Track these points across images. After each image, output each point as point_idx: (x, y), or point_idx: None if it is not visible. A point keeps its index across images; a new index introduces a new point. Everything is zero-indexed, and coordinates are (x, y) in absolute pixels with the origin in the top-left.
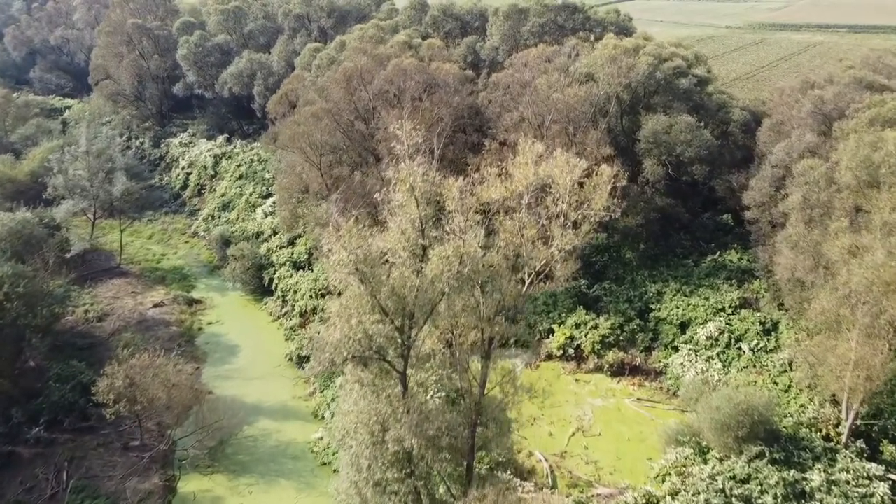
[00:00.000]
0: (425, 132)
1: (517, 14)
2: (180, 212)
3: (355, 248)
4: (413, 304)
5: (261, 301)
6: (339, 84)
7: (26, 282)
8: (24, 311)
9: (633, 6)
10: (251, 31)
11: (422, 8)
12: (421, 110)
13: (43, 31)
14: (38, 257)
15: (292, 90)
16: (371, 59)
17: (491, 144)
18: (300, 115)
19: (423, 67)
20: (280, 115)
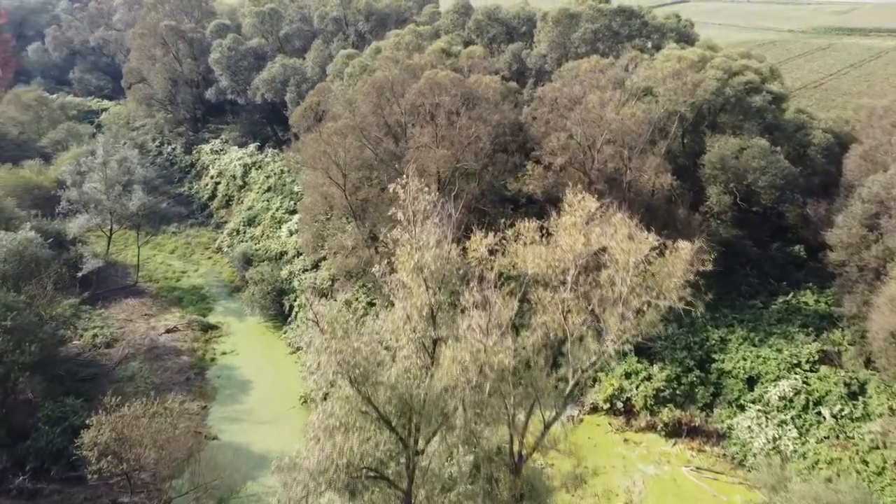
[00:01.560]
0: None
1: (567, 19)
2: (206, 224)
3: (342, 349)
4: (420, 409)
5: (280, 329)
6: (367, 97)
7: (14, 314)
8: (11, 347)
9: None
10: (286, 35)
11: (465, 12)
12: (457, 127)
13: (83, 32)
14: (35, 283)
15: (317, 102)
16: (403, 69)
17: (534, 169)
18: (324, 131)
19: (459, 80)
20: (304, 128)
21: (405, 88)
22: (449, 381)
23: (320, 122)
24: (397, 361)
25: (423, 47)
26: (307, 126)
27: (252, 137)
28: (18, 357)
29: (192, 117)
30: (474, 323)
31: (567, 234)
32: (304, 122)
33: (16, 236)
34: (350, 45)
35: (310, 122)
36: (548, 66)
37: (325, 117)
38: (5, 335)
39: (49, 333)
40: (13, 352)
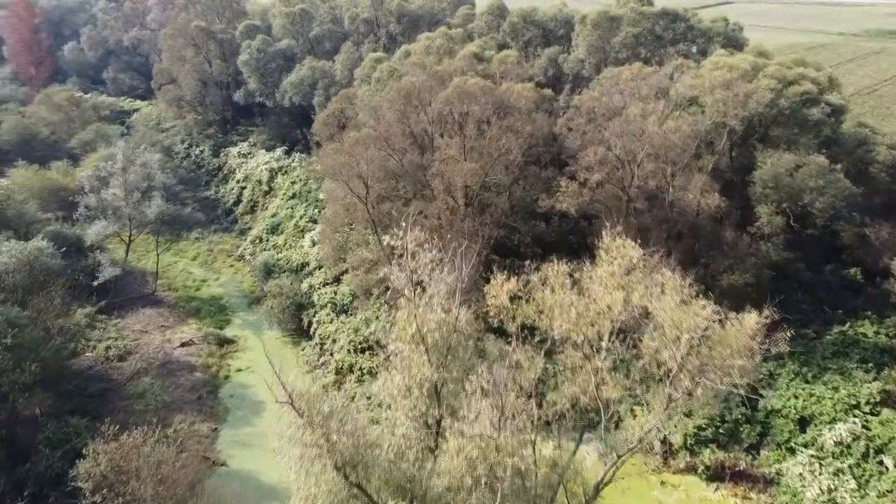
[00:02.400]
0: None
1: (607, 22)
2: (230, 230)
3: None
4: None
5: (298, 345)
6: (392, 104)
7: (15, 331)
8: (11, 366)
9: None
10: (317, 36)
11: (500, 14)
12: (487, 138)
13: (118, 32)
14: (44, 295)
15: (341, 109)
16: (430, 76)
17: (568, 186)
18: (346, 140)
19: (489, 89)
20: (327, 136)
21: (432, 96)
22: (453, 479)
23: (344, 129)
24: (395, 438)
25: (455, 51)
26: (330, 134)
27: (281, 141)
28: (18, 377)
29: (222, 119)
30: (484, 415)
31: (602, 288)
32: (326, 129)
33: (26, 246)
34: (381, 47)
35: (333, 129)
36: (585, 72)
37: (348, 125)
38: (5, 353)
39: (52, 351)
40: (13, 371)
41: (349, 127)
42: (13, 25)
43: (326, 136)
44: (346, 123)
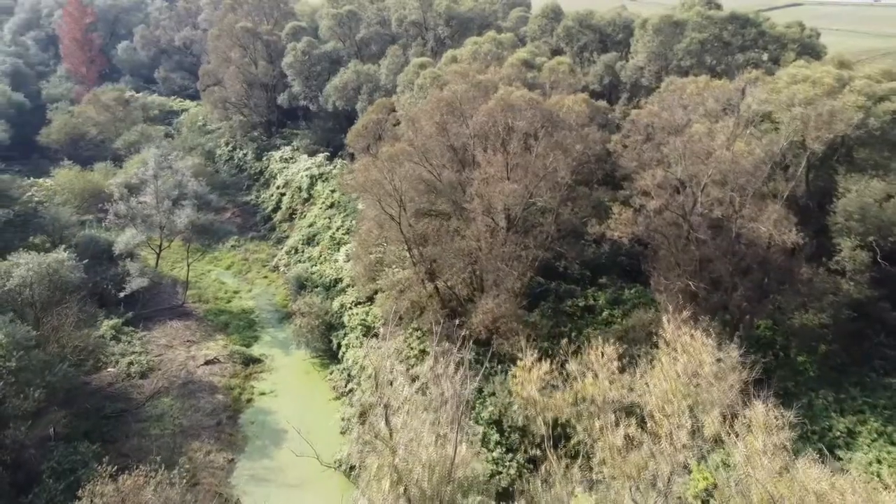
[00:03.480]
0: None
1: (670, 27)
2: (267, 238)
3: None
4: None
5: (326, 369)
6: (431, 116)
7: (21, 354)
8: (14, 392)
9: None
10: (363, 39)
11: (555, 17)
12: (532, 155)
13: (171, 31)
14: (59, 312)
15: (377, 120)
16: (473, 85)
17: (621, 212)
18: (380, 154)
19: (536, 102)
20: (361, 148)
21: (474, 108)
22: None
23: (380, 140)
24: None
25: (503, 58)
26: (365, 145)
27: (325, 145)
28: (21, 403)
29: (267, 122)
30: None
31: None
32: (361, 140)
33: (45, 258)
34: (429, 51)
35: (369, 140)
36: (645, 81)
37: (385, 135)
38: (8, 377)
39: (60, 375)
40: (16, 396)
41: (386, 138)
42: (66, 25)
43: (361, 148)
44: (383, 134)
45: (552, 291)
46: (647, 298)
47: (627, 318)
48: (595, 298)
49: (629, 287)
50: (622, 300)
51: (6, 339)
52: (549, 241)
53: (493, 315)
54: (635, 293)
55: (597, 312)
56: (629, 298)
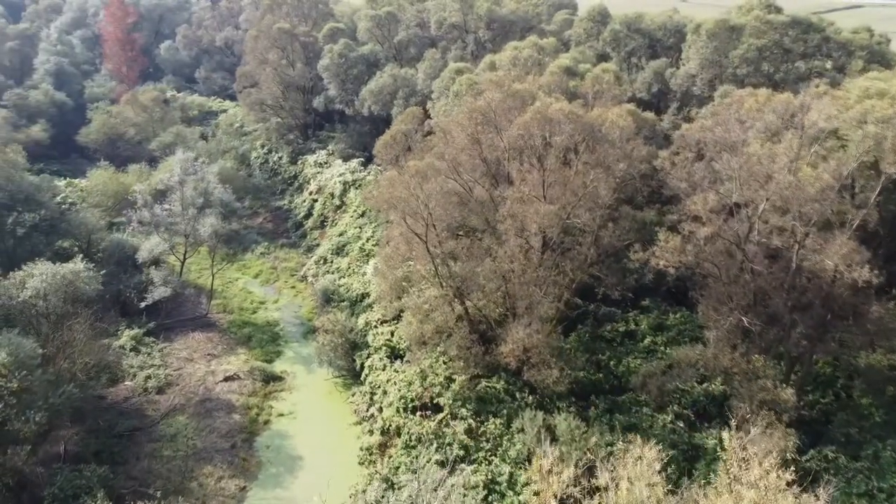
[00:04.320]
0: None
1: (726, 33)
2: (298, 246)
3: None
4: None
5: (349, 390)
6: (462, 128)
7: (24, 374)
8: (14, 415)
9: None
10: (402, 41)
11: (601, 20)
12: (571, 171)
13: (212, 31)
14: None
15: (404, 132)
16: (509, 95)
17: (668, 239)
18: (406, 169)
19: (576, 116)
20: (390, 160)
21: (509, 120)
22: None
23: (410, 151)
24: None
25: (544, 64)
26: (393, 156)
27: (361, 150)
28: (21, 427)
29: (303, 124)
30: None
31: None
32: (388, 152)
33: (60, 269)
34: (469, 54)
35: (397, 151)
36: (696, 89)
37: (414, 147)
38: (10, 398)
39: (64, 397)
40: (17, 418)
41: (415, 150)
42: (108, 24)
43: (389, 160)
44: (412, 145)
45: (590, 314)
46: (692, 325)
47: (671, 346)
48: (637, 323)
49: (674, 311)
50: (666, 326)
51: (9, 358)
52: (588, 265)
53: (524, 345)
54: (681, 318)
55: (638, 339)
56: (674, 324)
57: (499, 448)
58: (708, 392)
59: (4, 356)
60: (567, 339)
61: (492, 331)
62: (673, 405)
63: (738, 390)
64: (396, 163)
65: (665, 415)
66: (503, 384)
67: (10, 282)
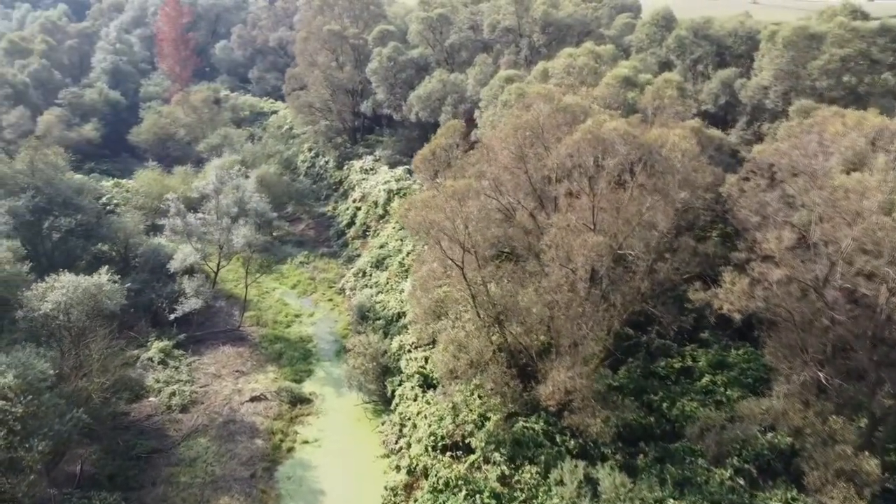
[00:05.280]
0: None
1: (805, 41)
2: (338, 255)
3: None
4: None
5: (378, 417)
6: (506, 145)
7: (29, 399)
8: (17, 442)
9: None
10: (453, 45)
11: (665, 25)
12: (628, 190)
13: (266, 31)
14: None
15: (445, 146)
16: (558, 110)
17: (734, 282)
18: (442, 189)
19: (631, 137)
20: (430, 175)
21: (558, 137)
22: None
23: (450, 167)
24: None
25: (601, 73)
26: (433, 172)
27: (410, 156)
28: (24, 455)
29: (352, 128)
30: None
31: None
32: (427, 167)
33: (82, 282)
34: (522, 59)
35: (438, 166)
36: (769, 102)
37: (455, 163)
38: (14, 423)
39: (71, 424)
40: (20, 446)
41: (455, 166)
42: (163, 24)
43: (429, 176)
44: (452, 161)
45: (643, 347)
46: (757, 364)
47: (732, 388)
48: (694, 359)
49: (736, 346)
50: (727, 364)
51: (16, 380)
52: (641, 300)
53: (566, 388)
54: (744, 356)
55: (695, 377)
56: (736, 362)
57: (534, 500)
58: (773, 444)
59: (11, 378)
60: (616, 375)
61: (532, 365)
62: (732, 457)
63: (811, 454)
64: (435, 178)
65: (723, 469)
66: (542, 425)
67: (32, 293)
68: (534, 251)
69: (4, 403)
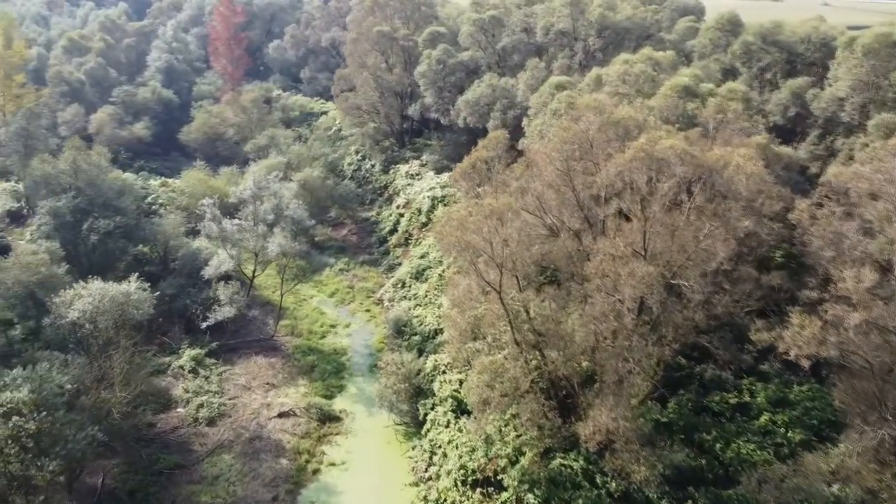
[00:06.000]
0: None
1: (887, 49)
2: (379, 263)
3: None
4: None
5: (409, 441)
6: (551, 160)
7: (43, 415)
8: (29, 459)
9: None
10: (505, 47)
11: (731, 30)
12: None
13: (319, 31)
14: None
15: (484, 160)
16: (609, 124)
17: (804, 324)
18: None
19: (689, 156)
20: (468, 190)
21: (608, 154)
22: None
23: (490, 180)
24: None
25: (659, 81)
26: (472, 186)
27: (458, 161)
28: (34, 474)
29: (400, 131)
30: None
31: None
32: (467, 181)
33: (109, 290)
34: (576, 64)
35: (477, 179)
36: (845, 115)
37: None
38: (27, 440)
39: (84, 443)
40: (33, 464)
41: (496, 181)
42: (217, 24)
43: (467, 190)
44: (493, 175)
45: (695, 378)
46: (824, 404)
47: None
48: (752, 394)
49: (800, 382)
50: (789, 401)
51: (31, 395)
52: (695, 333)
53: (607, 428)
54: (808, 393)
55: (753, 415)
56: (799, 400)
57: None
58: (839, 500)
59: (26, 393)
60: (664, 410)
61: (573, 396)
62: None
63: None
64: (475, 192)
65: None
66: (582, 463)
67: (60, 299)
68: (577, 278)
69: (18, 419)
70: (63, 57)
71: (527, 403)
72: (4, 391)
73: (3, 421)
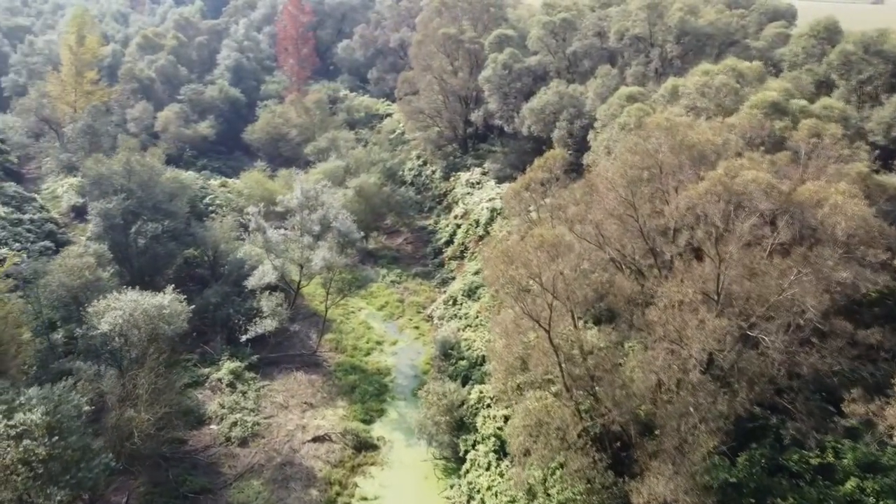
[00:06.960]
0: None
1: None
2: (432, 276)
3: None
4: None
5: (448, 478)
6: (613, 186)
7: (55, 440)
8: (36, 487)
9: None
10: (576, 52)
11: (827, 37)
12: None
13: (388, 31)
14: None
15: (542, 180)
16: (681, 147)
17: None
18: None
19: (775, 190)
20: (519, 212)
21: (679, 180)
22: None
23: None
24: None
25: (743, 95)
26: (524, 209)
27: (521, 170)
28: (42, 503)
29: (463, 137)
30: None
31: None
32: (518, 203)
33: (143, 301)
34: (652, 72)
35: (531, 201)
36: None
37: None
38: (37, 465)
39: (97, 471)
40: (41, 493)
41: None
42: (285, 23)
43: (518, 212)
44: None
45: (771, 430)
46: None
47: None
48: (837, 453)
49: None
50: (881, 466)
51: (44, 419)
52: (773, 392)
53: (665, 500)
54: None
55: (837, 479)
56: (894, 465)
57: None
58: None
59: (39, 416)
60: (733, 468)
61: (629, 448)
62: None
63: None
64: (527, 217)
65: None
66: None
67: (94, 309)
68: (638, 320)
69: (30, 443)
70: (137, 54)
71: (575, 457)
72: (18, 412)
73: (15, 444)
